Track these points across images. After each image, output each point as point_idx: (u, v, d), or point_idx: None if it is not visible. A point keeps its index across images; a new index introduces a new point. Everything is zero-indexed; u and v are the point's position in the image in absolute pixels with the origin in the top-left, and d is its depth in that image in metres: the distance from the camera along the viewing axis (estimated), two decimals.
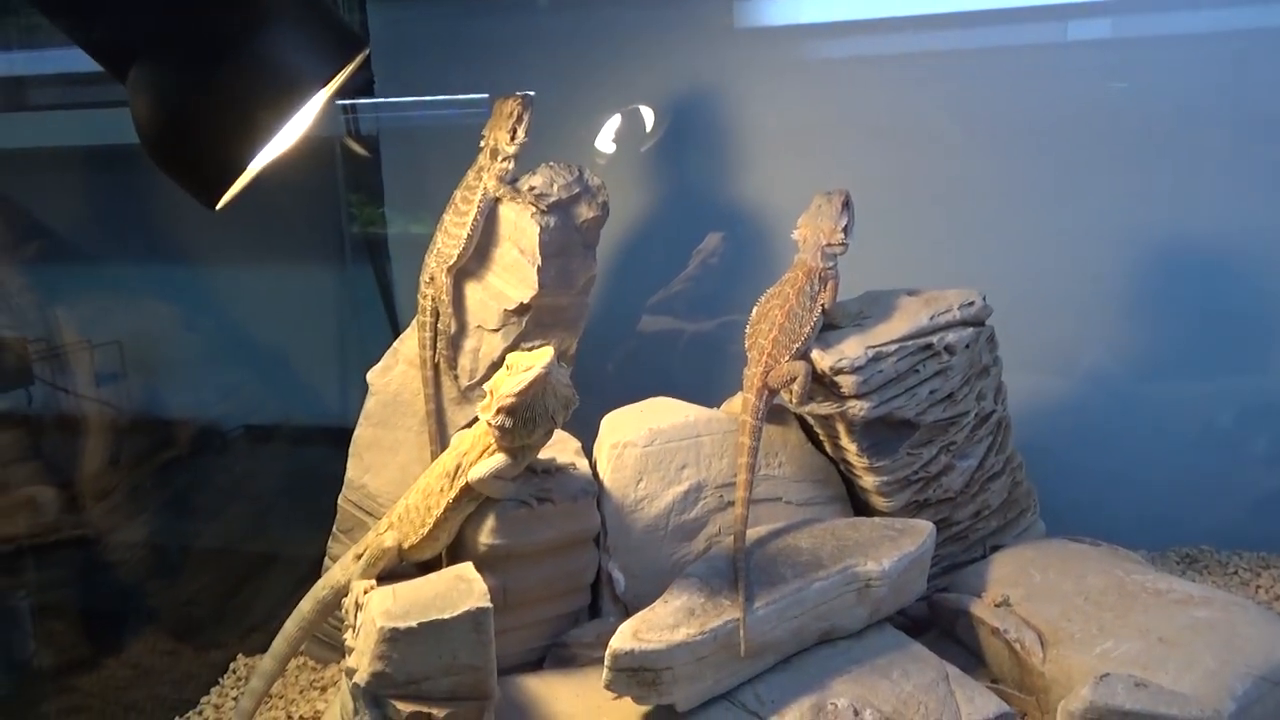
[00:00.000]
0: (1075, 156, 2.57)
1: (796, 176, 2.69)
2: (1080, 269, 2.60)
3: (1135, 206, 2.56)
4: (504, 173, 2.25)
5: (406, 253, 2.99)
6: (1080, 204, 2.60)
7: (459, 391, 2.30)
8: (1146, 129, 2.52)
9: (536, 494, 1.95)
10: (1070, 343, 2.64)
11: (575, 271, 2.32)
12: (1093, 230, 2.59)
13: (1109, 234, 2.58)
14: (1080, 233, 2.59)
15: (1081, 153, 2.57)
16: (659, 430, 2.14)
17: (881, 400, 2.02)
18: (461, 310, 2.30)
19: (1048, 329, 2.59)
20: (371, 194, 3.02)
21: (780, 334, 2.01)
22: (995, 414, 2.19)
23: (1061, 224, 2.60)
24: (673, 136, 2.79)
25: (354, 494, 2.32)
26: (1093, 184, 2.58)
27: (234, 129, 1.48)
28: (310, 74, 1.52)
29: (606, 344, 2.79)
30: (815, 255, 2.07)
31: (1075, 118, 2.55)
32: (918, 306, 2.10)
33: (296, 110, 1.51)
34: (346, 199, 3.05)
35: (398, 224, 3.01)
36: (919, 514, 2.15)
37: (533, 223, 2.22)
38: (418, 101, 2.92)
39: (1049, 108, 2.57)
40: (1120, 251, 2.58)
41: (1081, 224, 2.59)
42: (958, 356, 2.08)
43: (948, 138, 2.63)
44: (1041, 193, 2.61)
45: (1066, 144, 2.56)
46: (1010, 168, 2.60)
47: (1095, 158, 2.56)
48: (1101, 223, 2.59)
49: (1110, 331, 2.64)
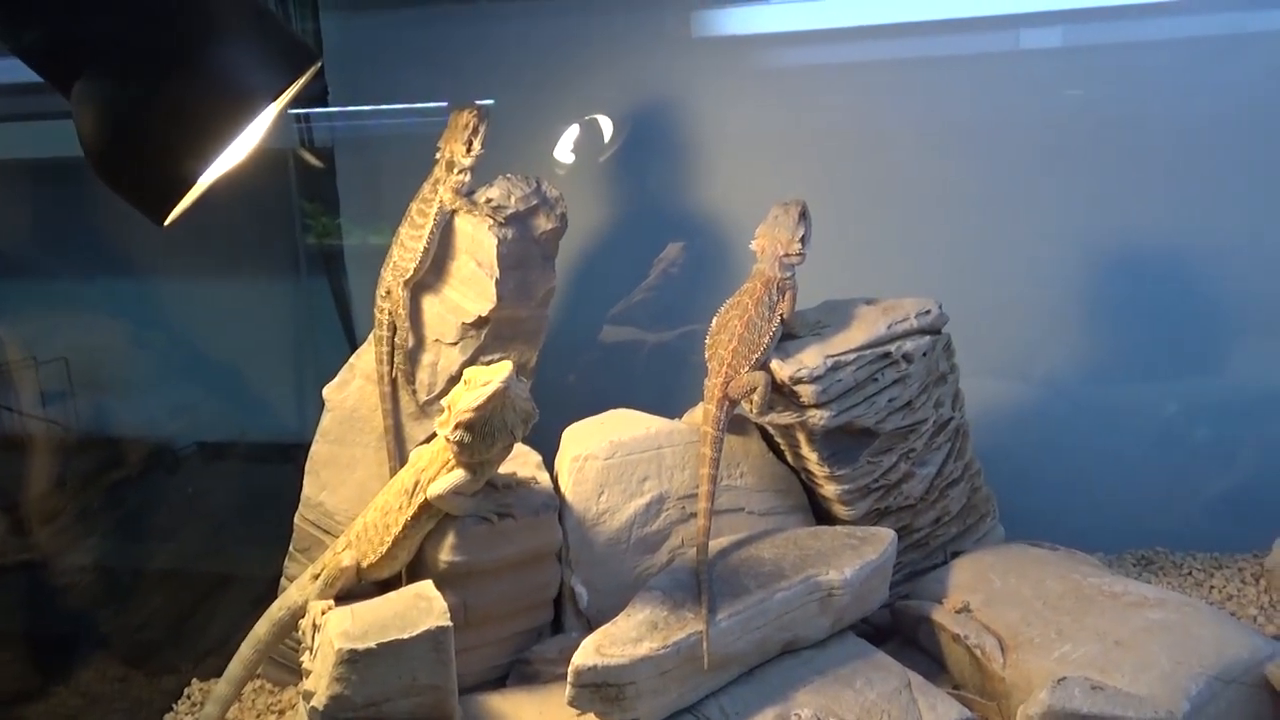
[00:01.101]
0: (1030, 163, 2.62)
1: (755, 185, 2.72)
2: (1035, 274, 2.65)
3: (1089, 211, 2.61)
4: (460, 185, 2.26)
5: (363, 264, 2.97)
6: (1035, 210, 2.65)
7: (417, 406, 2.30)
8: (1100, 135, 2.57)
9: (497, 509, 1.95)
10: (1026, 348, 2.70)
11: (534, 283, 2.32)
12: (1047, 236, 2.64)
13: (1063, 239, 2.63)
14: (1035, 238, 2.65)
15: (1036, 159, 2.62)
16: (620, 443, 2.15)
17: (841, 409, 2.05)
18: (419, 324, 2.29)
19: (1004, 335, 2.64)
20: (326, 205, 3.01)
21: (740, 344, 2.03)
22: (953, 421, 2.23)
23: (1016, 230, 2.66)
24: (631, 146, 2.81)
25: (311, 512, 2.31)
26: (1047, 190, 2.63)
27: (183, 143, 1.47)
28: (261, 87, 1.51)
29: (567, 356, 2.80)
30: (773, 265, 2.09)
31: (1029, 125, 2.60)
32: (875, 315, 2.14)
33: (247, 124, 1.51)
34: (301, 210, 3.03)
35: (354, 235, 3.00)
36: (880, 522, 2.19)
37: (490, 235, 2.23)
38: (373, 110, 2.91)
39: (1003, 115, 2.62)
40: (1074, 256, 2.63)
41: (1036, 230, 2.65)
42: (915, 364, 2.11)
43: (904, 146, 2.67)
44: (996, 199, 2.66)
45: (1021, 151, 2.62)
46: (965, 175, 2.65)
47: (1050, 164, 2.61)
48: (1056, 228, 2.64)
49: (1066, 336, 2.69)
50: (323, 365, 2.60)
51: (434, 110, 2.85)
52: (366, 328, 2.41)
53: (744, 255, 2.19)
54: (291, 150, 2.95)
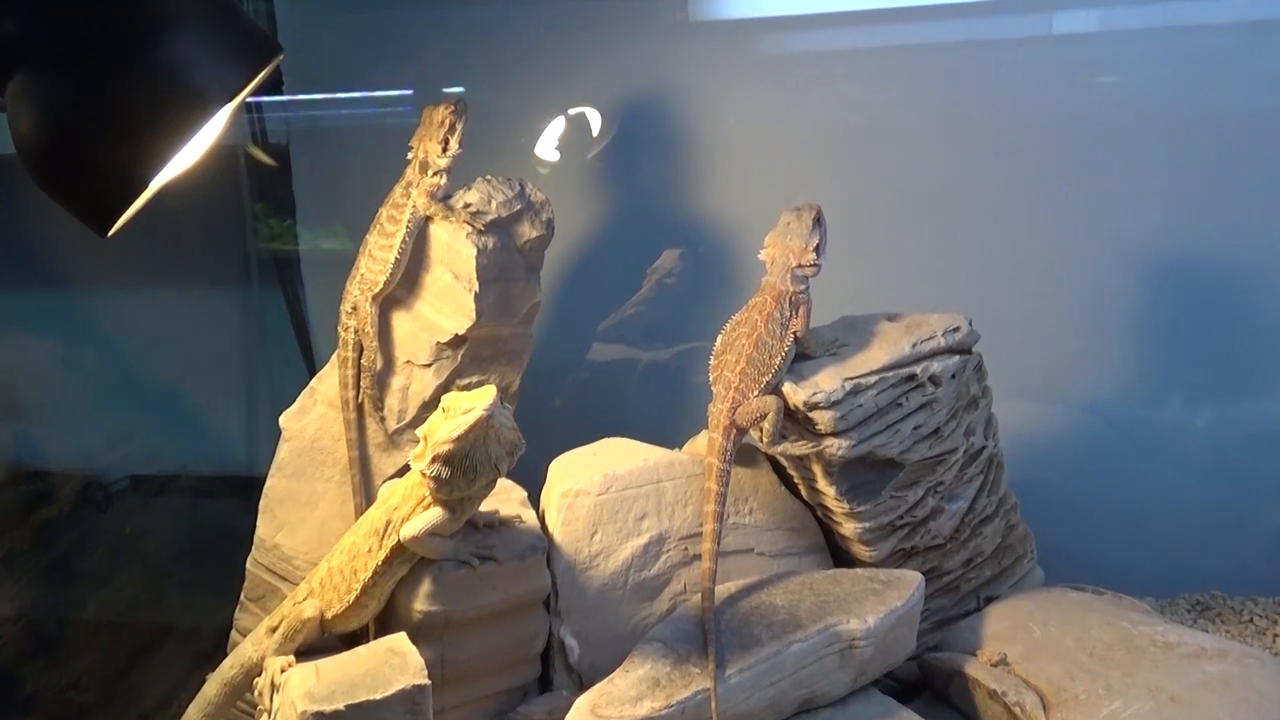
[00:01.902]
0: (1066, 159, 2.66)
1: (762, 186, 2.75)
2: (1074, 285, 2.69)
3: (1132, 213, 2.65)
4: (435, 188, 2.27)
5: (322, 273, 3.00)
6: (1072, 212, 2.68)
7: (386, 436, 2.31)
8: (1142, 127, 2.60)
9: (478, 552, 1.96)
10: (1066, 368, 2.72)
11: (517, 298, 2.34)
12: (1087, 241, 2.68)
13: (1104, 244, 2.66)
14: (1073, 244, 2.68)
15: (1072, 155, 2.65)
16: (615, 476, 2.16)
17: (861, 438, 2.07)
18: (388, 343, 2.31)
19: (1040, 353, 2.67)
20: (280, 206, 3.03)
21: (748, 366, 2.05)
22: (986, 450, 2.25)
23: (1054, 236, 2.69)
24: (623, 142, 2.83)
25: (265, 556, 2.31)
26: (1085, 189, 2.66)
27: (131, 146, 1.48)
28: (219, 83, 1.52)
29: (553, 378, 2.82)
30: (785, 278, 2.12)
31: (1065, 117, 2.64)
32: (899, 333, 2.16)
33: (203, 124, 1.53)
34: (252, 212, 3.05)
35: (311, 241, 3.02)
36: (906, 564, 2.21)
37: (468, 244, 2.24)
38: (333, 100, 2.93)
39: (1037, 107, 2.65)
40: (1117, 264, 2.67)
41: (1074, 234, 2.68)
42: (943, 388, 2.14)
43: (928, 142, 2.71)
44: (1029, 200, 2.69)
45: (1057, 147, 2.65)
46: (994, 173, 2.68)
47: (1088, 160, 2.65)
48: (1096, 232, 2.67)
49: (1110, 354, 2.72)
50: (278, 389, 2.62)
51: (400, 100, 2.87)
52: (328, 346, 2.44)
53: (751, 265, 2.21)
54: (242, 146, 2.96)
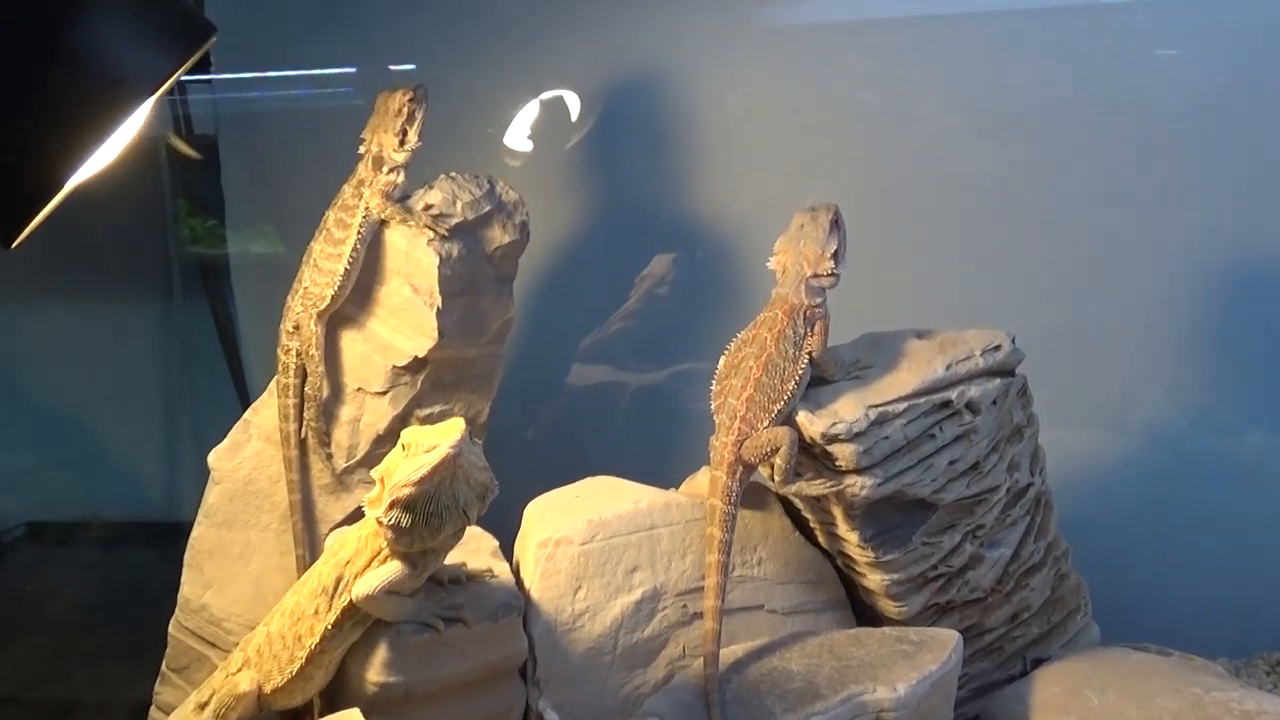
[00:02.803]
0: (1122, 148, 2.68)
1: (769, 181, 2.76)
2: (1135, 293, 2.71)
3: (1202, 209, 2.66)
4: (391, 188, 2.27)
5: (256, 283, 2.99)
6: (1131, 209, 2.70)
7: (334, 477, 2.30)
8: (1208, 110, 2.62)
9: (443, 613, 1.96)
10: (1124, 390, 2.74)
11: (486, 313, 2.34)
12: (1149, 242, 2.70)
13: (1171, 246, 2.68)
14: (1133, 246, 2.70)
15: (1130, 143, 2.67)
16: (601, 522, 2.16)
17: (888, 475, 2.08)
18: (336, 368, 2.30)
19: (1095, 374, 2.69)
20: (206, 205, 3.03)
21: (756, 392, 2.05)
22: (1032, 488, 2.26)
23: (1108, 236, 2.71)
24: (608, 131, 2.84)
25: (191, 618, 2.29)
26: (1146, 183, 2.68)
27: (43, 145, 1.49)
28: (142, 71, 1.54)
29: (528, 407, 2.83)
30: (798, 289, 2.12)
31: (1119, 98, 2.66)
32: (930, 353, 2.17)
33: (124, 118, 1.54)
34: (173, 212, 3.05)
35: (242, 243, 3.02)
36: (940, 621, 2.21)
37: (430, 252, 2.24)
38: (268, 80, 2.94)
39: (1085, 86, 2.68)
40: (1187, 269, 2.68)
41: (1134, 235, 2.70)
42: (983, 416, 2.14)
43: (960, 129, 2.73)
44: (1081, 197, 2.71)
45: (1110, 133, 2.67)
46: (1040, 166, 2.70)
47: (1147, 149, 2.67)
48: (1160, 232, 2.69)
49: (1176, 373, 2.74)
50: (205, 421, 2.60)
51: (346, 80, 2.88)
52: (264, 371, 2.44)
53: (758, 274, 2.22)
54: (161, 136, 2.96)
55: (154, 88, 1.57)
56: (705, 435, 2.10)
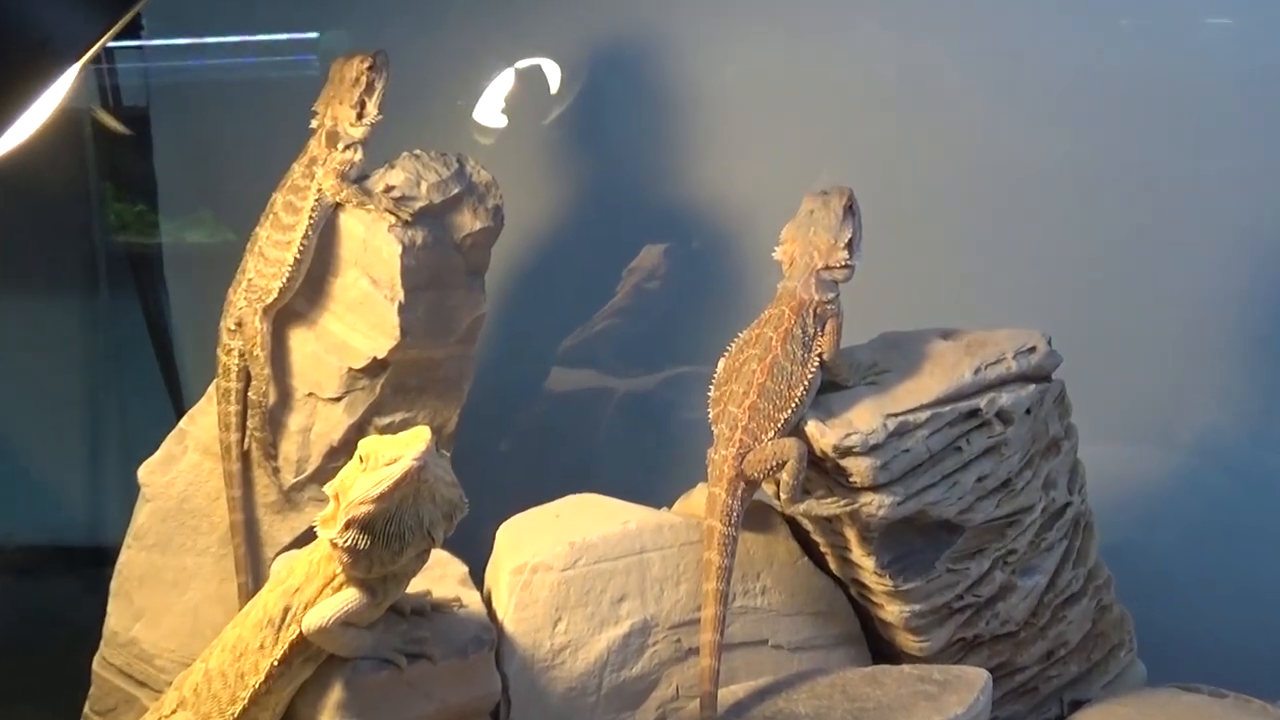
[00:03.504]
0: (1169, 129, 2.69)
1: (774, 162, 2.76)
2: (1181, 291, 2.71)
3: (1255, 198, 2.67)
4: (347, 166, 2.27)
5: (193, 275, 2.99)
6: (1176, 198, 2.71)
7: (281, 494, 2.30)
8: (1263, 85, 2.63)
9: (405, 648, 1.94)
10: (1173, 399, 2.75)
11: (454, 309, 2.34)
12: (1196, 234, 2.70)
13: (1219, 239, 2.69)
14: (1179, 238, 2.71)
15: (1177, 123, 2.68)
16: (584, 545, 2.16)
17: (909, 493, 2.07)
18: (284, 371, 2.30)
19: (1138, 381, 2.69)
20: (136, 187, 3.03)
21: (760, 399, 2.05)
22: (1071, 508, 2.26)
23: (1152, 227, 2.72)
24: (591, 104, 2.84)
25: (118, 654, 2.29)
26: (1193, 167, 2.69)
27: None
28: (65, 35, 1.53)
29: (502, 415, 2.83)
30: (808, 283, 2.12)
31: (1165, 73, 2.67)
32: (956, 355, 2.17)
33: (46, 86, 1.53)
34: (99, 195, 3.04)
35: (176, 230, 3.03)
36: (967, 658, 2.21)
37: (391, 239, 2.24)
38: (207, 47, 2.94)
39: (1128, 58, 2.69)
40: (1241, 262, 2.69)
41: (1180, 226, 2.71)
42: (1015, 426, 2.14)
43: (988, 105, 2.73)
44: (1122, 183, 2.72)
45: (1155, 110, 2.68)
46: (1077, 147, 2.70)
47: (1198, 130, 2.68)
48: (1208, 223, 2.70)
49: (1229, 380, 2.74)
50: (135, 430, 2.60)
51: (296, 46, 2.88)
52: (202, 374, 2.42)
53: (762, 266, 2.22)
54: (88, 109, 2.96)
55: (79, 52, 1.55)
56: (702, 448, 2.10)
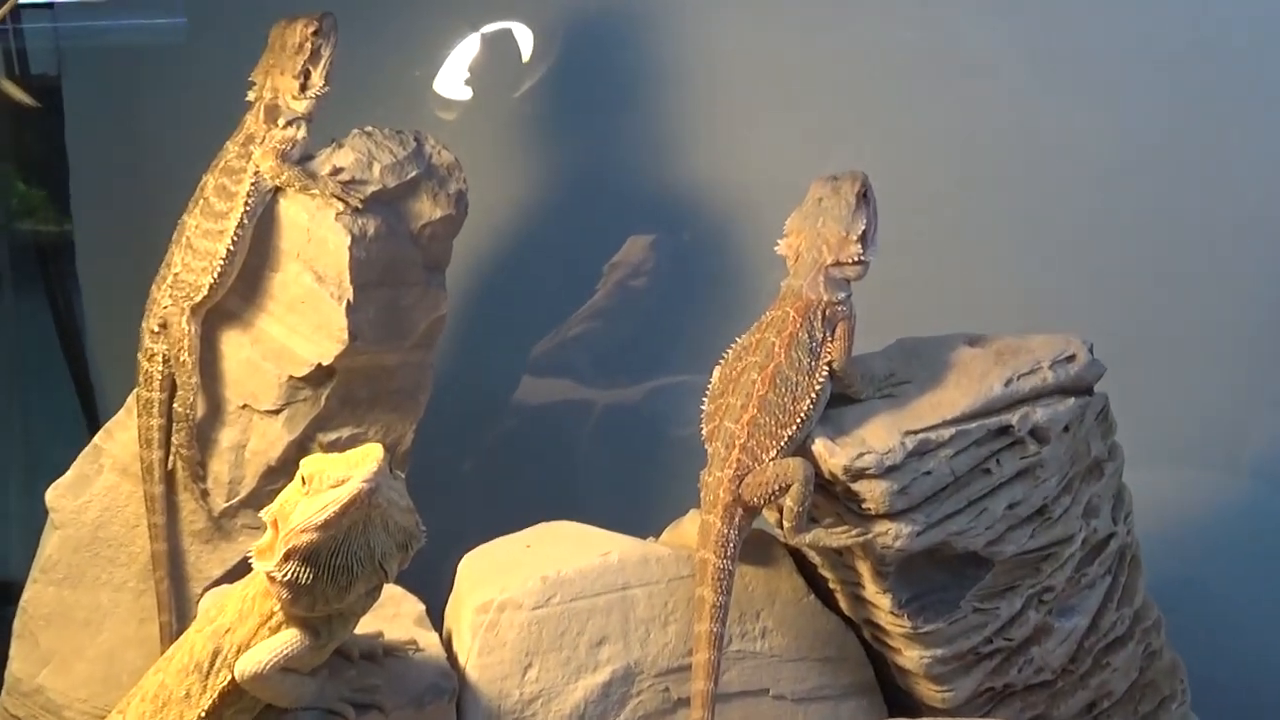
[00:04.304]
0: (1224, 111, 2.71)
1: (776, 143, 2.77)
2: (1239, 293, 2.74)
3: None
4: (289, 145, 2.27)
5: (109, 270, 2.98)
6: (1233, 188, 2.73)
7: (210, 520, 2.30)
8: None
9: (354, 697, 1.94)
10: (1228, 417, 2.77)
11: (411, 310, 2.34)
12: (1256, 229, 2.72)
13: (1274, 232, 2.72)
14: (1237, 234, 2.73)
15: (1233, 104, 2.71)
16: (559, 580, 2.15)
17: (930, 521, 2.07)
18: (215, 379, 2.30)
19: (1191, 395, 2.70)
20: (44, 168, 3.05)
21: (761, 413, 2.05)
22: (1115, 539, 2.27)
23: (1207, 221, 2.74)
24: (568, 76, 2.85)
25: (22, 704, 2.29)
26: (1252, 153, 2.71)
27: None
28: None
29: (464, 430, 2.84)
30: (816, 281, 2.12)
31: (1223, 47, 2.70)
32: (985, 364, 2.17)
33: None
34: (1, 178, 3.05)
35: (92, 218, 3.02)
36: (997, 710, 2.21)
37: (338, 229, 2.24)
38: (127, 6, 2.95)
39: (1179, 31, 2.71)
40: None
41: (1238, 220, 2.73)
42: (1052, 446, 2.14)
43: (1020, 80, 2.75)
44: (1172, 171, 2.73)
45: (1211, 90, 2.70)
46: (1121, 130, 2.72)
47: (1255, 110, 2.71)
48: (1269, 217, 2.72)
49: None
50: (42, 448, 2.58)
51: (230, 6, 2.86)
52: (120, 383, 2.43)
53: (764, 262, 2.23)
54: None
55: None
56: (695, 469, 2.10)
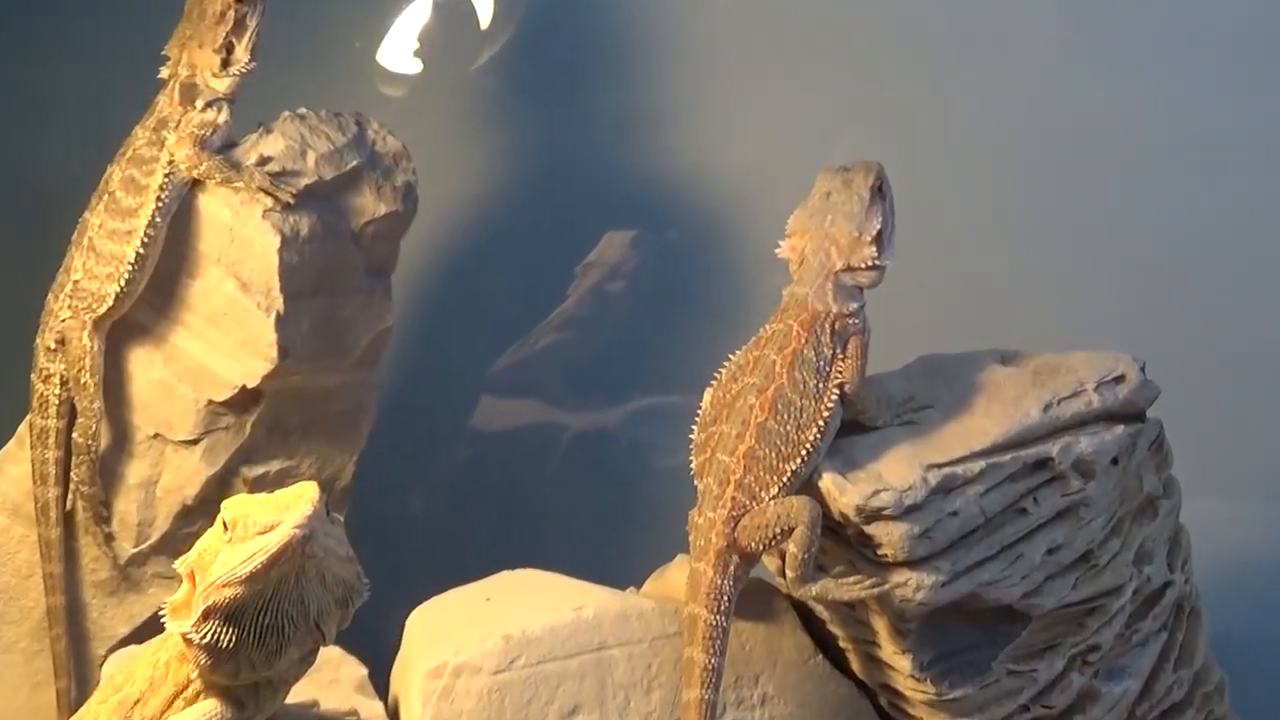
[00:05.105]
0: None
1: (775, 127, 2.78)
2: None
3: None
4: (209, 130, 2.26)
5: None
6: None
7: (115, 569, 2.30)
8: None
9: None
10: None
11: (351, 322, 2.35)
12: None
13: None
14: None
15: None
16: (524, 639, 2.14)
17: (957, 569, 2.06)
18: (122, 404, 2.30)
19: (1258, 419, 2.71)
20: None
21: (760, 444, 2.04)
22: (1171, 589, 2.27)
23: (1270, 218, 2.75)
24: (532, 47, 2.87)
25: None
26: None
27: None
28: None
29: (412, 463, 2.84)
30: (824, 289, 2.11)
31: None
32: (1020, 386, 2.17)
33: None
34: None
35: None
36: None
37: (267, 228, 2.24)
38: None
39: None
40: None
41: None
42: (1098, 481, 2.14)
43: (1062, 55, 2.76)
44: (1233, 162, 2.75)
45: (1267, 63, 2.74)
46: (1178, 115, 2.73)
47: None
48: None
49: None
50: None
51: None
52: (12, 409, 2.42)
53: (762, 266, 2.24)
54: None
55: None
56: (682, 508, 2.08)
